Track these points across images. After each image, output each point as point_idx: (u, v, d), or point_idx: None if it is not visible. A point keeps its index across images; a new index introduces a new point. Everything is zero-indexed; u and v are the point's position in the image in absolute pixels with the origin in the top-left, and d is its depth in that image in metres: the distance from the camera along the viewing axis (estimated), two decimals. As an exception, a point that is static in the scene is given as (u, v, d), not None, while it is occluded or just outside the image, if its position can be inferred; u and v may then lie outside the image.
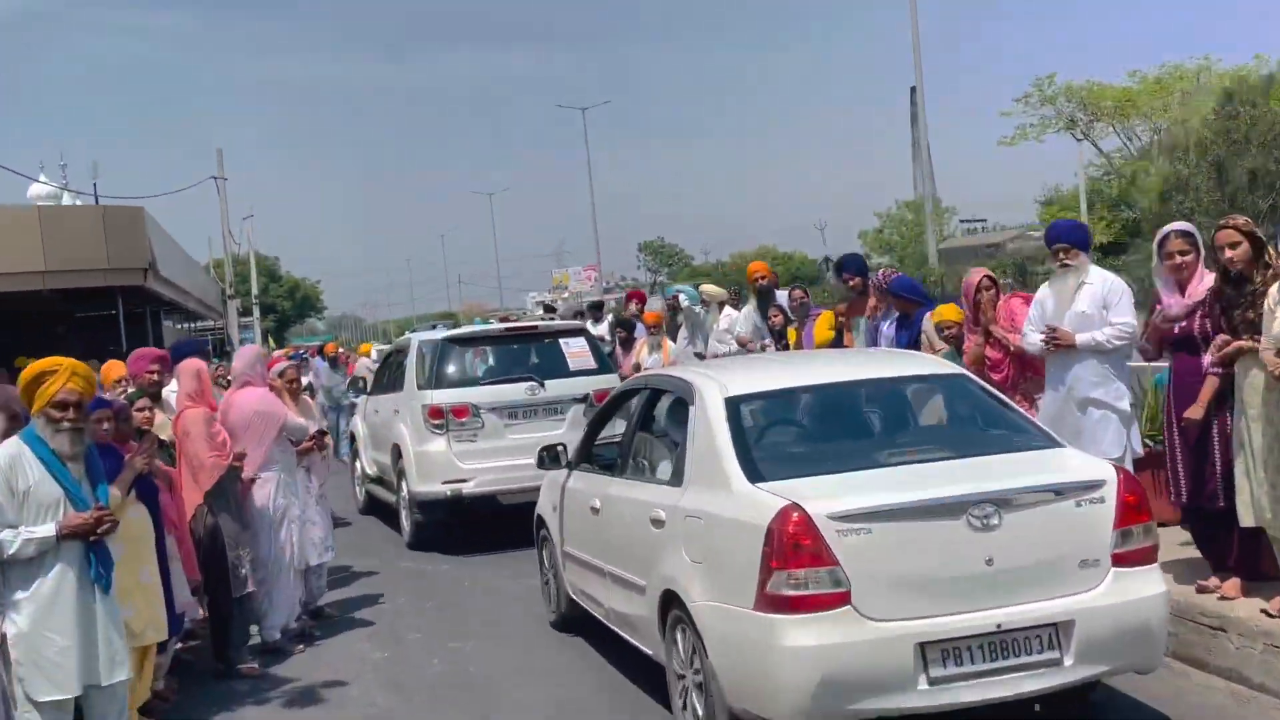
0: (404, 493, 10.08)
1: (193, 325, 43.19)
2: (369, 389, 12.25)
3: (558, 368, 9.93)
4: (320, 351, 22.05)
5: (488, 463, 9.56)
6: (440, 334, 10.32)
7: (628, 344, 11.59)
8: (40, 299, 23.22)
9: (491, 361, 9.92)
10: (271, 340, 40.88)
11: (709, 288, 11.85)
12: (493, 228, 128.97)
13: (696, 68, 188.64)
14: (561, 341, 10.01)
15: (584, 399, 9.73)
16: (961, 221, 66.26)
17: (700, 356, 11.80)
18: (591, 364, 9.91)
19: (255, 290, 49.28)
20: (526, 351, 10.18)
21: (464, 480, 9.54)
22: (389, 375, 11.27)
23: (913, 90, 27.61)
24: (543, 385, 9.68)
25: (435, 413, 9.58)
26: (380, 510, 11.57)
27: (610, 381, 9.83)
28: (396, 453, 10.22)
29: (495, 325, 11.31)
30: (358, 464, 12.36)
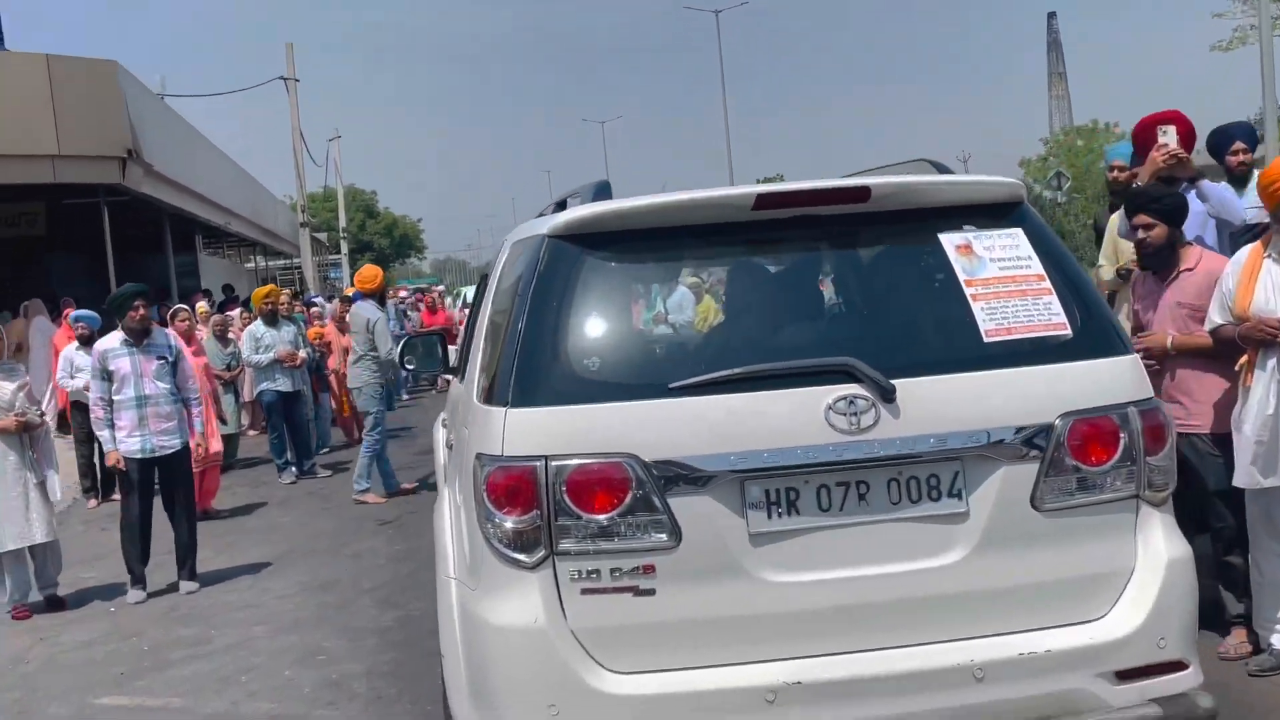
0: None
1: (266, 262, 37.40)
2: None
3: (939, 333, 3.05)
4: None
5: (693, 677, 2.80)
6: (559, 216, 3.10)
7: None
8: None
9: (715, 312, 2.96)
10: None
11: None
12: (604, 159, 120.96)
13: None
14: (951, 241, 2.83)
15: (1027, 440, 2.66)
16: (1139, 144, 58.01)
17: None
18: (1054, 317, 2.87)
19: (343, 220, 43.27)
20: (840, 271, 3.32)
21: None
22: (464, 333, 5.07)
23: (1050, 15, 20.18)
24: (888, 396, 2.73)
25: (504, 493, 2.84)
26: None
27: (1120, 384, 2.69)
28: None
29: (733, 190, 3.11)
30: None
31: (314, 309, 15.69)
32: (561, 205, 3.64)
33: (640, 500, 2.75)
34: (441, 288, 23.13)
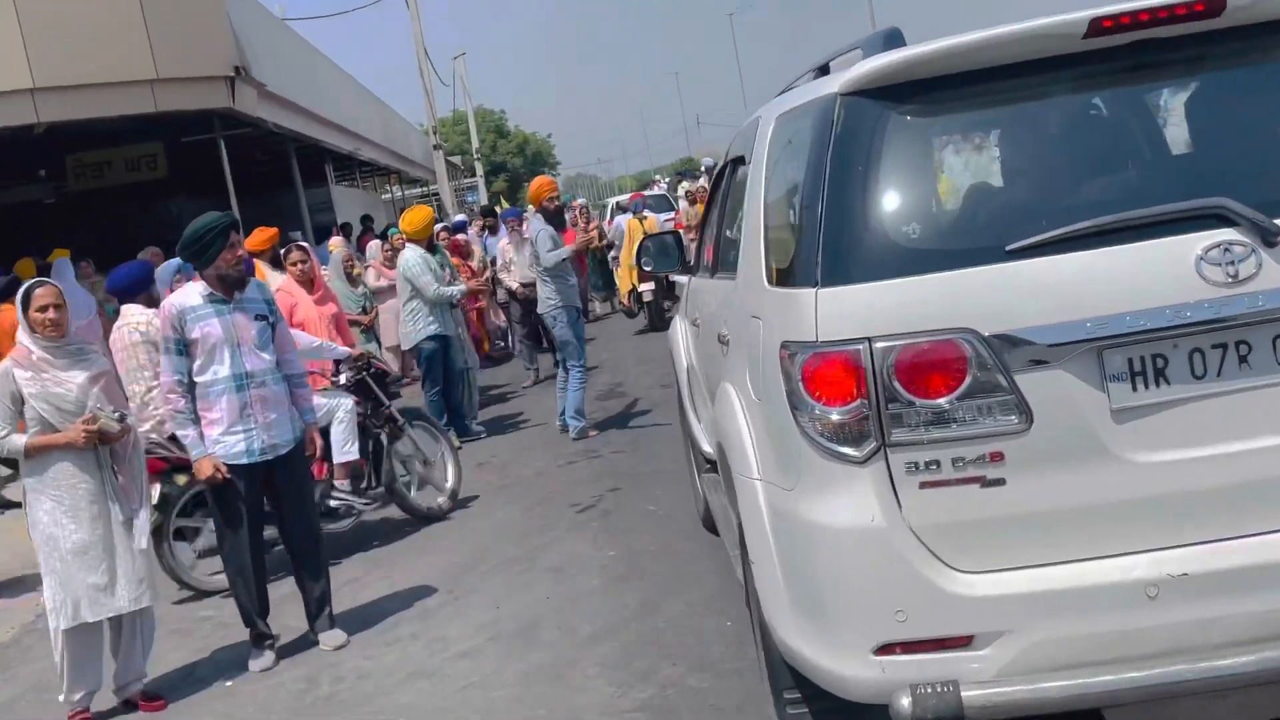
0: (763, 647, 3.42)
1: (403, 192, 38.11)
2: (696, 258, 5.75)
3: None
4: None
5: (1058, 574, 2.66)
6: (853, 70, 2.89)
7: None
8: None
9: (1047, 161, 2.87)
10: (504, 202, 35.44)
11: None
12: (735, 53, 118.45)
13: None
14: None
15: None
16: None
17: None
18: None
19: (476, 141, 43.76)
20: (1193, 100, 2.94)
21: (966, 644, 2.64)
22: (720, 226, 4.79)
23: None
24: (1270, 239, 2.60)
25: (824, 382, 2.74)
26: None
27: None
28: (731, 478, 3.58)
29: (1059, 18, 2.69)
30: (690, 416, 5.87)
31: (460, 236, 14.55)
32: (824, 70, 3.46)
33: (982, 380, 2.61)
34: (582, 201, 22.86)
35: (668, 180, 37.00)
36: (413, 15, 29.16)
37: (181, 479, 6.27)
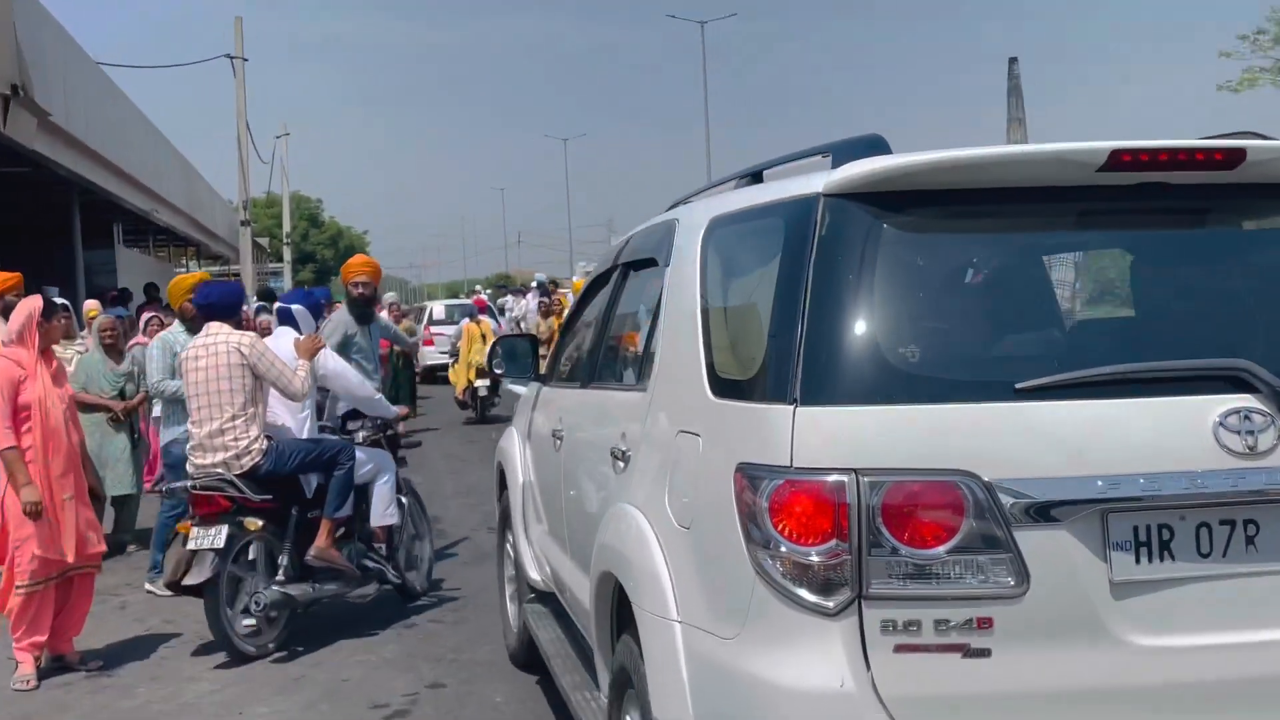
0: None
1: (200, 266, 36.42)
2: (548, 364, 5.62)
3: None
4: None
5: None
6: (841, 172, 2.64)
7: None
8: None
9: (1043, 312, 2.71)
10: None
11: None
12: (565, 176, 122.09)
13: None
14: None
15: None
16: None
17: None
18: None
19: (288, 225, 42.53)
20: (1208, 253, 2.81)
21: None
22: (598, 332, 4.49)
23: (1012, 61, 21.00)
24: None
25: (796, 516, 2.39)
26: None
27: None
28: (614, 614, 3.43)
29: (1078, 145, 2.52)
30: (508, 544, 5.86)
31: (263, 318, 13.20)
32: (757, 177, 3.23)
33: (979, 531, 2.36)
34: (394, 297, 22.44)
35: (489, 293, 37.14)
36: (238, 83, 28.27)
37: (253, 523, 6.06)
